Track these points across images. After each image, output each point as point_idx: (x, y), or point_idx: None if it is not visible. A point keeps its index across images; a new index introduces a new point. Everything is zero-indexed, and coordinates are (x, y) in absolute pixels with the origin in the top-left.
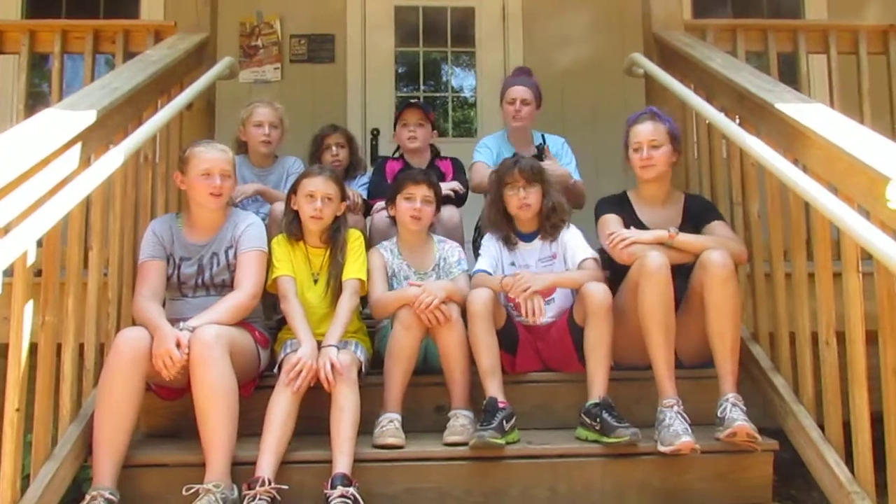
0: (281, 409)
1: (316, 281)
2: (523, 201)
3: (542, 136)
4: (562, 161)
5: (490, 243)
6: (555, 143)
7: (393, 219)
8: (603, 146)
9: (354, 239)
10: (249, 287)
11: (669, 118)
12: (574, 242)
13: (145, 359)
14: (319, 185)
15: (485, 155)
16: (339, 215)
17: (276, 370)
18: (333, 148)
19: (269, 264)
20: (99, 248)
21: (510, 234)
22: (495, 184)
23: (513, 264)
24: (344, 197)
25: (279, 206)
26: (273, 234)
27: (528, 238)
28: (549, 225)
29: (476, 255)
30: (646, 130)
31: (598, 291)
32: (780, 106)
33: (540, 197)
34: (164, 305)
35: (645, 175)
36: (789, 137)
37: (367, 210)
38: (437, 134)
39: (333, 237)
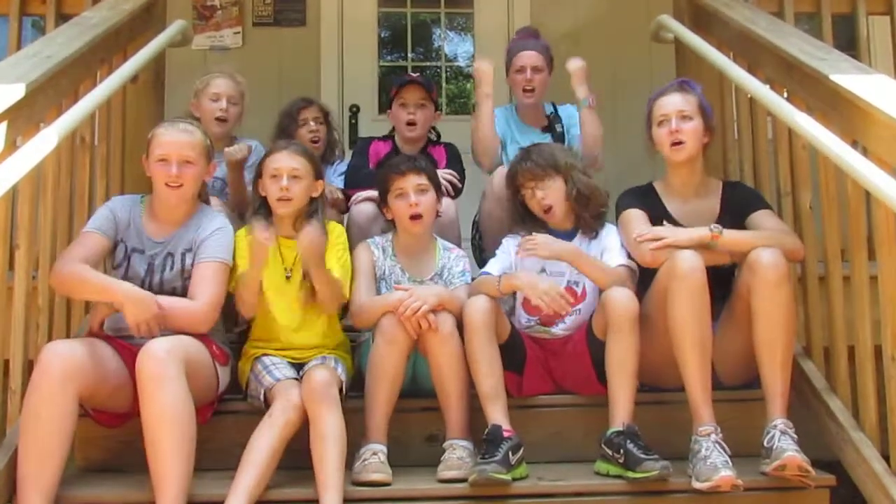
0: (265, 446)
1: (289, 277)
2: (543, 203)
3: (553, 105)
4: (574, 136)
5: (510, 245)
6: (569, 115)
7: (392, 222)
8: (624, 124)
9: (337, 234)
10: (204, 302)
11: (699, 87)
12: (612, 245)
13: (79, 377)
14: (284, 160)
15: None
16: (316, 197)
17: (263, 399)
18: (311, 123)
19: (233, 269)
20: (27, 246)
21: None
22: (511, 188)
23: (543, 270)
24: (318, 174)
25: None
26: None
27: (566, 237)
28: (586, 216)
29: (477, 256)
30: (673, 101)
31: (621, 299)
32: (835, 77)
33: (563, 188)
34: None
35: (675, 156)
36: (846, 114)
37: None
38: (440, 115)
39: (309, 223)
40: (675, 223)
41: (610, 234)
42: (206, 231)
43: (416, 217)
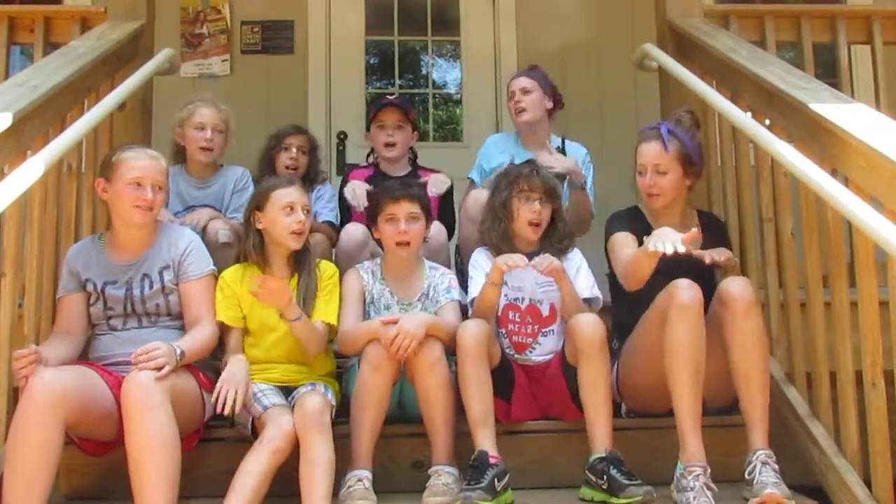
0: (255, 472)
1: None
2: (537, 216)
3: (563, 140)
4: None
5: (481, 259)
6: (576, 152)
7: (379, 241)
8: (610, 146)
9: (329, 275)
10: (212, 322)
11: (687, 134)
12: (581, 275)
13: (66, 405)
14: (297, 194)
15: (477, 173)
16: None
17: (251, 427)
18: (294, 150)
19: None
20: (13, 274)
21: (506, 251)
22: (504, 188)
23: (505, 283)
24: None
25: (215, 226)
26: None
27: (529, 257)
28: (547, 244)
29: (460, 280)
30: (650, 152)
31: (587, 324)
32: (814, 106)
33: (549, 217)
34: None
35: (652, 204)
36: (826, 143)
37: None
38: (417, 136)
39: (299, 259)
40: None
41: (576, 258)
42: (179, 248)
43: (402, 244)
